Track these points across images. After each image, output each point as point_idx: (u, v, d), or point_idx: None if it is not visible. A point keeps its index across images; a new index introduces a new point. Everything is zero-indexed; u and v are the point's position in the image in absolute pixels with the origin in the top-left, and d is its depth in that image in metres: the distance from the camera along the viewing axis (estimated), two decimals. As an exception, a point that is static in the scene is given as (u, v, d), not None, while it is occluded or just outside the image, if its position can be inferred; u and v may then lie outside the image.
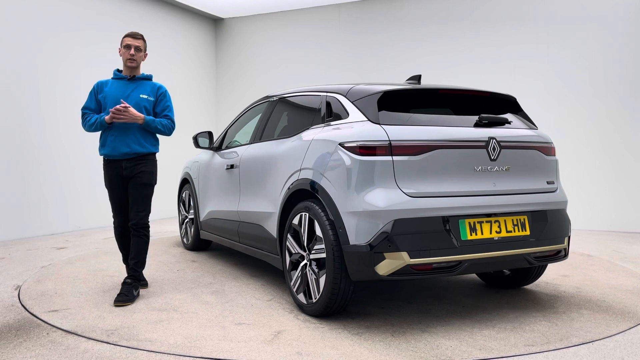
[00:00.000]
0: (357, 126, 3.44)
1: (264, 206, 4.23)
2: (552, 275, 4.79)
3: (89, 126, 3.99)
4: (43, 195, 7.25)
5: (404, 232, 3.14)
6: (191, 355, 2.90)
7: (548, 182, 3.73)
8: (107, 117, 3.89)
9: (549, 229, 3.60)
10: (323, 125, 3.79)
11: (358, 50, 9.40)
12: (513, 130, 3.68)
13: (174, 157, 9.10)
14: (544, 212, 3.61)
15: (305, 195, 3.68)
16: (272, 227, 4.08)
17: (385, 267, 3.13)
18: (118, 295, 3.88)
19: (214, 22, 10.72)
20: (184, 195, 6.32)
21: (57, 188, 7.48)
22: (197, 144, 5.49)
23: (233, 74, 10.59)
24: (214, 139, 5.72)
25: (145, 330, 3.31)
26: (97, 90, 4.06)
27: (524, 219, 3.52)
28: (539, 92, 8.07)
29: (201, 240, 5.88)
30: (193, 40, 10.23)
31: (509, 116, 3.89)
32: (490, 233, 3.38)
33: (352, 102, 3.63)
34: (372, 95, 3.55)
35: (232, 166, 4.92)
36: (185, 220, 6.25)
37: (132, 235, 4.05)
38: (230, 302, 3.93)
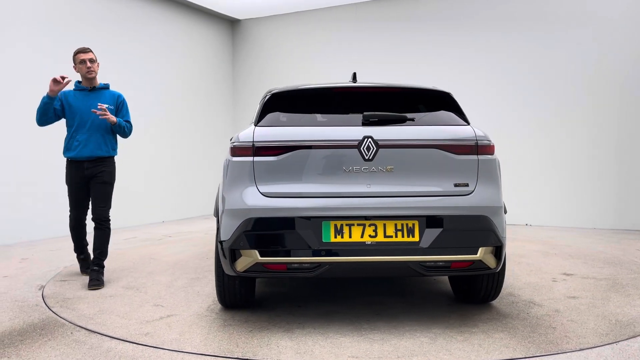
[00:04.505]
0: (246, 128, 3.59)
1: None
2: (556, 295, 4.09)
3: (37, 113, 4.43)
4: (64, 197, 5.92)
5: (256, 230, 3.22)
6: (76, 324, 3.47)
7: (457, 185, 3.31)
8: (48, 91, 4.28)
9: (448, 237, 3.22)
10: None
11: (375, 49, 9.21)
12: (405, 128, 3.36)
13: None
14: (441, 218, 3.24)
15: None
16: None
17: (241, 263, 3.26)
18: (90, 280, 4.45)
19: (231, 24, 10.79)
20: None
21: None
22: None
23: (250, 75, 10.62)
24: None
25: (85, 302, 4.00)
26: (60, 97, 4.48)
27: (413, 224, 3.22)
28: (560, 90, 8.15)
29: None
30: (210, 42, 10.30)
31: (441, 113, 3.58)
32: (362, 237, 3.20)
33: (260, 104, 3.78)
34: (264, 97, 3.67)
35: None
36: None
37: (95, 229, 4.55)
38: (186, 289, 4.39)
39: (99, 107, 4.38)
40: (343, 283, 4.49)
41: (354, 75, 4.01)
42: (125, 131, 4.64)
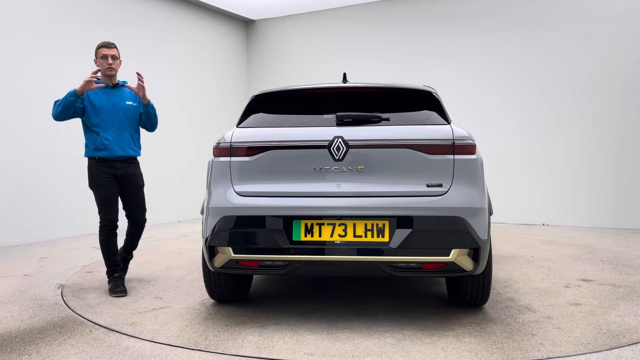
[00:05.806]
0: (229, 129, 3.72)
1: None
2: (559, 302, 3.90)
3: (57, 106, 4.20)
4: (83, 196, 6.15)
5: (230, 228, 3.34)
6: (76, 312, 3.76)
7: (430, 185, 3.25)
8: (78, 88, 4.11)
9: (418, 238, 3.18)
10: None
11: (390, 49, 9.12)
12: (377, 127, 3.34)
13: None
14: (411, 218, 3.19)
15: None
16: None
17: (218, 260, 3.39)
18: (118, 287, 4.26)
19: (245, 24, 10.84)
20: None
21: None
22: None
23: (265, 75, 10.61)
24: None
25: (95, 292, 4.29)
26: (82, 96, 4.25)
27: (383, 225, 3.21)
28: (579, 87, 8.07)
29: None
30: (224, 42, 10.35)
31: (421, 112, 3.55)
32: (332, 236, 3.23)
33: (245, 105, 3.89)
34: (249, 99, 3.78)
35: None
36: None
37: (131, 229, 4.56)
38: (192, 283, 4.58)
39: (138, 75, 4.26)
40: (339, 282, 4.52)
41: (344, 75, 4.02)
42: (156, 118, 4.55)
